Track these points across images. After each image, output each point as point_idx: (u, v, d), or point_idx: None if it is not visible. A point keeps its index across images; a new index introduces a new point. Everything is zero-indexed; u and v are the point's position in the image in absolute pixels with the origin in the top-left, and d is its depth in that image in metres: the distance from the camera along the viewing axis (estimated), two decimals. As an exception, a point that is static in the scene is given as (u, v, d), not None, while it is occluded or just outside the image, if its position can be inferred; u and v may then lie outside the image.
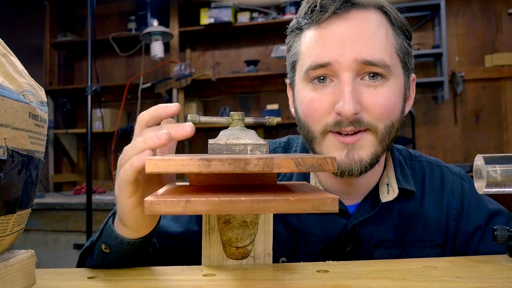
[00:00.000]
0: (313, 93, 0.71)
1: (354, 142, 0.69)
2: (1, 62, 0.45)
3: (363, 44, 0.68)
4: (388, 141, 0.72)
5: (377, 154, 0.71)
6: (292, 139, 0.92)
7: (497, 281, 0.52)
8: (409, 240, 0.79)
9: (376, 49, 0.68)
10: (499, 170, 0.54)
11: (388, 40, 0.71)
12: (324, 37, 0.70)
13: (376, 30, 0.69)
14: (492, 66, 3.07)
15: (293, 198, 0.41)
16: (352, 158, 0.69)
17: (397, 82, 0.71)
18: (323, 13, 0.69)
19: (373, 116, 0.68)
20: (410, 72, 0.76)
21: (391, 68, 0.70)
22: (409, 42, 0.75)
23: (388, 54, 0.70)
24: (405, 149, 0.88)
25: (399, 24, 0.73)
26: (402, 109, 0.74)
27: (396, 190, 0.78)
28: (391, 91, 0.70)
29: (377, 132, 0.69)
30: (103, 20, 3.62)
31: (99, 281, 0.55)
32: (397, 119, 0.72)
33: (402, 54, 0.73)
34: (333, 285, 0.51)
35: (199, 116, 0.53)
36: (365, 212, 0.78)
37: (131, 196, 0.52)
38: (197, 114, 0.57)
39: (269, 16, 3.16)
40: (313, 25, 0.71)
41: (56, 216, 2.67)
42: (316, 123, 0.71)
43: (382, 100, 0.69)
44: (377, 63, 0.68)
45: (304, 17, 0.73)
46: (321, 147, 0.72)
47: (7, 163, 0.41)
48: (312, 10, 0.71)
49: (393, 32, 0.72)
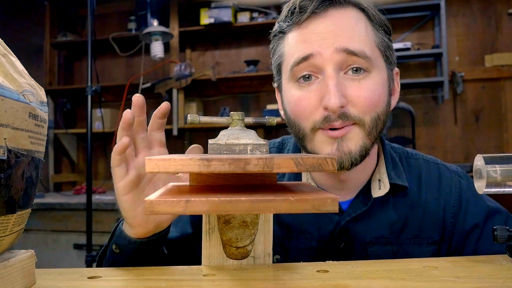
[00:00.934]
0: (300, 91, 0.73)
1: (342, 135, 0.70)
2: (1, 62, 0.45)
3: (343, 36, 0.70)
4: (376, 133, 0.73)
5: (365, 146, 0.72)
6: (286, 139, 0.94)
7: (497, 281, 0.52)
8: (406, 237, 0.79)
9: (356, 41, 0.70)
10: (499, 170, 0.54)
11: (367, 34, 0.72)
12: (305, 34, 0.72)
13: (355, 25, 0.71)
14: (492, 66, 3.07)
15: (293, 198, 0.41)
16: (342, 150, 0.70)
17: (380, 74, 0.73)
18: (302, 14, 0.71)
19: (359, 109, 0.70)
20: (393, 66, 0.78)
21: (372, 60, 0.71)
22: (389, 37, 0.77)
23: (368, 47, 0.71)
24: (401, 148, 0.89)
25: (378, 20, 0.75)
26: (388, 101, 0.75)
27: (388, 185, 0.78)
28: (375, 84, 0.71)
29: (364, 125, 0.70)
30: (103, 20, 3.62)
31: (99, 281, 0.55)
32: (382, 111, 0.73)
33: (383, 48, 0.74)
34: (333, 285, 0.51)
35: (199, 116, 0.53)
36: (357, 208, 0.78)
37: (120, 180, 0.61)
38: (197, 114, 0.57)
39: (269, 16, 3.16)
40: (294, 26, 0.73)
41: (56, 216, 2.67)
42: (305, 121, 0.72)
43: (367, 93, 0.70)
44: (357, 53, 0.69)
45: (285, 20, 0.75)
46: (312, 144, 0.73)
47: (7, 163, 0.41)
48: (292, 13, 0.73)
49: (372, 28, 0.74)
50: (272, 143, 0.94)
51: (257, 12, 3.21)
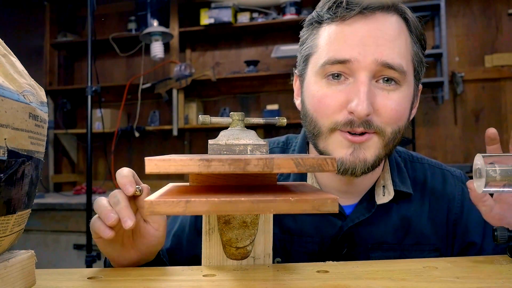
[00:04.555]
0: (327, 88, 0.71)
1: (362, 141, 0.69)
2: (1, 63, 0.45)
3: (385, 46, 0.68)
4: (392, 146, 0.72)
5: (380, 157, 0.71)
6: (291, 138, 0.92)
7: (497, 281, 0.52)
8: (408, 243, 0.78)
9: (396, 53, 0.69)
10: (498, 170, 0.54)
11: (407, 47, 0.71)
12: (346, 34, 0.70)
13: (398, 35, 0.70)
14: (492, 66, 3.07)
15: (293, 198, 0.41)
16: (357, 156, 0.69)
17: (408, 89, 0.72)
18: (349, 10, 0.69)
19: (383, 120, 0.69)
20: (419, 82, 0.77)
21: (406, 75, 0.70)
22: (423, 52, 0.76)
23: (405, 60, 0.70)
24: (405, 151, 0.88)
25: (417, 33, 0.74)
26: (409, 116, 0.75)
27: (392, 192, 0.78)
28: (402, 97, 0.70)
29: (384, 135, 0.70)
30: (103, 20, 3.62)
31: (99, 281, 0.55)
32: (403, 126, 0.72)
33: (417, 63, 0.74)
34: (333, 285, 0.51)
35: (210, 117, 0.53)
36: (360, 214, 0.77)
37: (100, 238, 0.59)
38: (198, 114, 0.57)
39: (269, 16, 3.16)
40: (336, 20, 0.71)
41: (56, 216, 2.67)
42: (325, 119, 0.71)
43: (394, 104, 0.69)
44: (395, 67, 0.68)
45: (327, 12, 0.72)
46: (326, 143, 0.72)
47: (7, 163, 0.41)
48: (338, 6, 0.70)
49: (411, 40, 0.73)
50: (276, 142, 0.91)
51: (257, 12, 3.21)
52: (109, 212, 0.56)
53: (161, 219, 0.62)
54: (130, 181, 0.58)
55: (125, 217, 0.55)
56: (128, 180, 0.58)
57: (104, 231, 0.56)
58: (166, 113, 3.47)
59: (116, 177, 0.59)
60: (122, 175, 0.59)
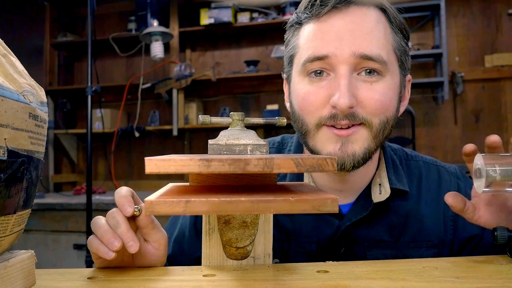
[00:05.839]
0: (309, 86, 0.72)
1: (348, 135, 0.69)
2: (1, 63, 0.45)
3: (361, 38, 0.68)
4: (382, 138, 0.72)
5: (370, 149, 0.71)
6: (286, 138, 0.92)
7: (497, 281, 0.52)
8: (405, 241, 0.78)
9: (374, 44, 0.69)
10: (498, 170, 0.54)
11: (386, 37, 0.71)
12: (322, 30, 0.70)
13: (375, 27, 0.70)
14: (492, 66, 3.07)
15: (293, 198, 0.41)
16: (346, 151, 0.70)
17: (393, 79, 0.72)
18: (323, 7, 0.70)
19: (368, 111, 0.69)
20: (406, 72, 0.77)
21: (388, 65, 0.70)
22: (406, 42, 0.76)
23: (385, 50, 0.70)
24: (401, 149, 0.88)
25: (398, 23, 0.74)
26: (397, 107, 0.74)
27: (388, 190, 0.78)
28: (387, 88, 0.70)
29: (371, 127, 0.70)
30: (103, 20, 3.62)
31: (99, 281, 0.55)
32: (391, 116, 0.72)
33: (399, 53, 0.73)
34: (333, 286, 0.51)
35: (210, 117, 0.53)
36: (357, 213, 0.77)
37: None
38: (198, 114, 0.57)
39: (269, 16, 3.16)
40: (312, 19, 0.72)
41: (56, 216, 2.67)
42: (310, 116, 0.71)
43: (378, 95, 0.69)
44: (374, 58, 0.68)
45: (304, 12, 0.73)
46: (314, 140, 0.72)
47: (7, 163, 0.41)
48: (312, 4, 0.71)
49: (391, 30, 0.73)
50: (272, 143, 0.92)
51: (257, 12, 3.21)
52: (111, 237, 0.55)
53: (162, 238, 0.61)
54: (129, 201, 0.57)
55: (129, 242, 0.55)
56: (126, 200, 0.57)
57: (105, 252, 0.56)
58: (166, 113, 3.47)
59: (115, 197, 0.59)
60: (121, 195, 0.58)
